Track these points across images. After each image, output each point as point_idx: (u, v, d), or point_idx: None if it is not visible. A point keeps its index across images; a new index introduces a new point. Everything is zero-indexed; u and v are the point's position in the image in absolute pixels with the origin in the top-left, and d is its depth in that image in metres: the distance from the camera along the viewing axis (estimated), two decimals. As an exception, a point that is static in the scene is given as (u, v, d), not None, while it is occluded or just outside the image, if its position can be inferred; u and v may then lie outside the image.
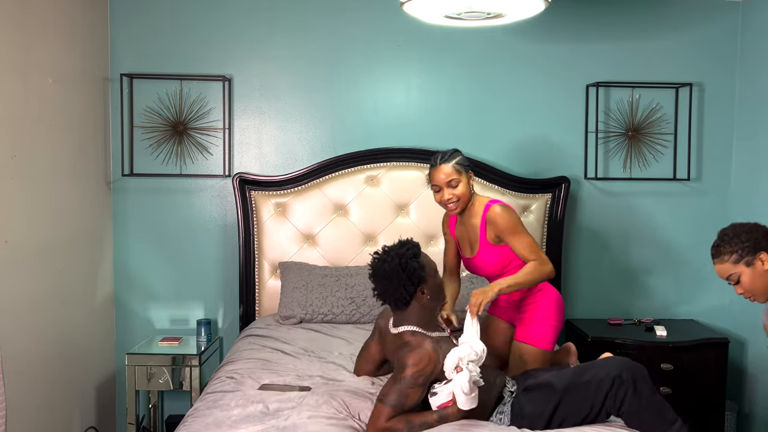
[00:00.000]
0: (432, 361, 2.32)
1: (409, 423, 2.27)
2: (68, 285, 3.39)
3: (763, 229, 2.38)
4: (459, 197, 2.76)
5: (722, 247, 2.38)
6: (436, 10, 2.79)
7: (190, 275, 3.92)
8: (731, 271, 2.38)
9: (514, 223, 2.73)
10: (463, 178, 2.76)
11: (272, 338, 3.26)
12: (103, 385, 3.78)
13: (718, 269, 2.40)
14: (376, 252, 2.55)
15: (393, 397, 2.28)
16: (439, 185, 2.77)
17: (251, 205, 3.80)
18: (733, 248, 2.36)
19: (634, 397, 2.27)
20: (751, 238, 2.34)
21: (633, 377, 2.29)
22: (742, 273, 2.36)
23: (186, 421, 2.39)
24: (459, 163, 2.76)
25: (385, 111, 3.92)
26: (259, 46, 3.87)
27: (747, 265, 2.35)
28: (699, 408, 3.55)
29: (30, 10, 3.00)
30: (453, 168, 2.74)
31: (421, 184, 3.80)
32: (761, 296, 2.38)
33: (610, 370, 2.33)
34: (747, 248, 2.34)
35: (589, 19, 3.93)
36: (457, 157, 2.78)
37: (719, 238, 2.41)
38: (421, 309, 2.51)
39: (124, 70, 3.80)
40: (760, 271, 2.33)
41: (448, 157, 2.77)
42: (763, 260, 2.33)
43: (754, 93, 3.83)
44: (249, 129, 3.90)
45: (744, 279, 2.36)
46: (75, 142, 3.45)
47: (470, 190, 2.81)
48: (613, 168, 3.99)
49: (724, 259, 2.37)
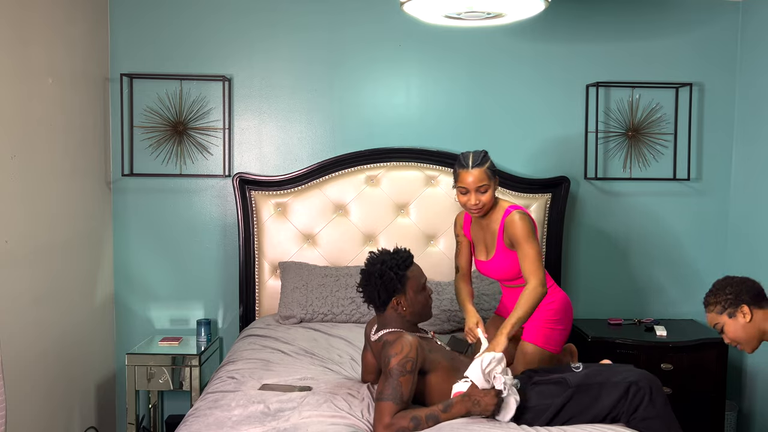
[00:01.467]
0: (414, 347, 2.37)
1: (415, 419, 2.27)
2: (68, 285, 3.39)
3: (750, 283, 2.47)
4: (485, 204, 2.72)
5: (710, 298, 2.49)
6: (436, 10, 2.79)
7: (190, 275, 3.92)
8: (716, 320, 2.48)
9: (527, 232, 2.68)
10: (492, 184, 2.71)
11: (272, 338, 3.26)
12: (103, 385, 3.79)
13: (708, 318, 2.52)
14: (371, 251, 2.62)
15: (388, 392, 2.30)
16: (467, 188, 2.70)
17: (251, 205, 3.80)
18: (717, 299, 2.46)
19: (650, 404, 2.33)
20: (734, 291, 2.44)
21: (650, 385, 2.37)
22: (725, 323, 2.45)
23: (187, 421, 2.39)
24: (490, 168, 2.71)
25: (385, 111, 3.92)
26: (259, 46, 3.87)
27: (729, 316, 2.44)
28: (699, 408, 3.55)
29: (30, 10, 3.00)
30: (485, 173, 2.68)
31: (421, 184, 3.80)
32: (746, 345, 2.47)
33: (627, 376, 2.39)
34: (730, 300, 2.43)
35: (589, 18, 3.92)
36: (488, 161, 2.72)
37: (710, 289, 2.52)
38: (398, 317, 2.55)
39: (124, 70, 3.80)
40: (742, 323, 2.42)
41: (480, 160, 2.70)
42: (745, 313, 2.42)
43: (754, 93, 3.82)
44: (249, 129, 3.90)
45: (727, 329, 2.45)
46: (75, 142, 3.45)
47: (494, 196, 2.76)
48: (613, 168, 3.99)
49: (710, 309, 2.48)
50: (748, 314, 2.40)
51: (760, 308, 2.42)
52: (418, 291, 2.56)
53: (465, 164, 2.71)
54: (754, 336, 2.44)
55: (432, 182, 3.81)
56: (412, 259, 2.59)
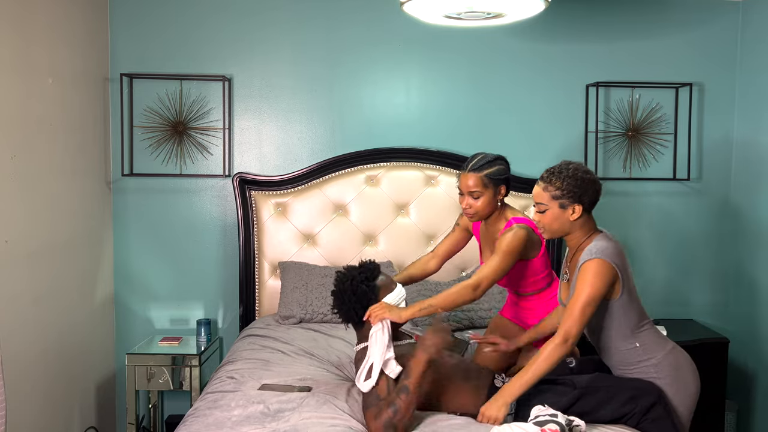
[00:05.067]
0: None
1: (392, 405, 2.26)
2: (68, 285, 3.39)
3: (597, 187, 2.44)
4: (477, 210, 2.69)
5: (554, 178, 2.41)
6: (436, 10, 2.79)
7: (190, 275, 3.92)
8: (544, 200, 2.42)
9: (509, 248, 2.61)
10: (487, 192, 2.66)
11: (272, 338, 3.26)
12: (103, 385, 3.79)
13: (536, 189, 2.45)
14: (337, 271, 2.59)
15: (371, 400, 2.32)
16: (461, 190, 2.71)
17: (251, 205, 3.80)
18: (562, 185, 2.39)
19: (659, 406, 2.35)
20: (581, 188, 2.40)
21: (659, 392, 2.39)
22: (551, 208, 2.41)
23: (186, 421, 2.39)
24: (489, 176, 2.65)
25: (385, 111, 3.92)
26: (259, 46, 3.87)
27: (560, 206, 2.41)
28: (699, 408, 3.53)
29: (30, 10, 3.00)
30: (479, 179, 2.65)
31: (421, 184, 3.80)
32: (547, 233, 2.46)
33: (636, 383, 2.41)
34: (573, 193, 2.39)
35: (589, 19, 3.93)
36: (491, 168, 2.66)
37: (559, 168, 2.44)
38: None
39: (124, 70, 3.80)
40: (565, 218, 2.41)
41: (480, 166, 2.66)
42: (575, 210, 2.40)
43: (754, 93, 3.82)
44: (249, 129, 3.90)
45: (548, 214, 2.42)
46: (75, 142, 3.45)
47: (495, 205, 2.71)
48: (613, 168, 3.99)
49: (547, 187, 2.41)
50: (577, 214, 2.39)
51: (587, 213, 2.42)
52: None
53: (464, 167, 2.70)
54: (563, 231, 2.44)
55: (432, 182, 3.81)
56: (379, 269, 2.57)
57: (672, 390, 2.43)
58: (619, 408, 2.34)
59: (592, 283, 2.33)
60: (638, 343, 2.45)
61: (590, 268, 2.34)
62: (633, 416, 2.34)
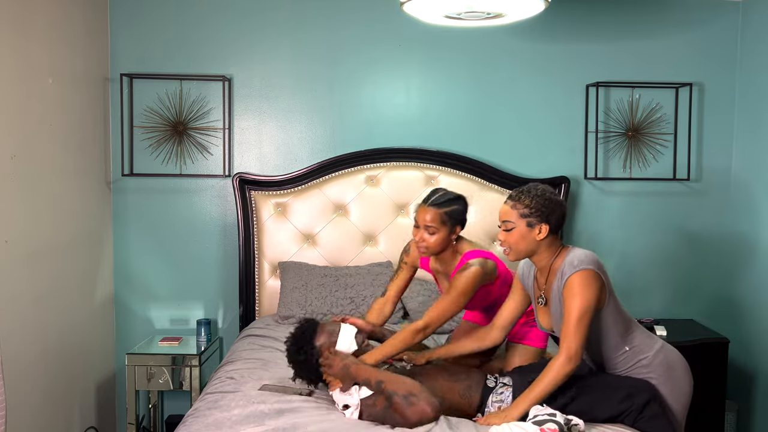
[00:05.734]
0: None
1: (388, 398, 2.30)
2: (68, 285, 3.39)
3: (563, 209, 2.42)
4: (429, 246, 2.64)
5: (523, 197, 2.40)
6: (436, 10, 2.79)
7: (190, 275, 3.92)
8: (511, 218, 2.40)
9: (464, 288, 2.56)
10: (443, 230, 2.61)
11: (272, 338, 3.26)
12: (103, 385, 3.79)
13: (504, 210, 2.43)
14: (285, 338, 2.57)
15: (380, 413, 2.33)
16: (417, 223, 2.65)
17: (251, 205, 3.80)
18: (530, 203, 2.38)
19: (655, 404, 2.35)
20: (549, 207, 2.38)
21: (653, 390, 2.39)
22: (518, 227, 2.39)
23: (186, 422, 2.39)
24: (448, 213, 2.61)
25: (385, 111, 3.92)
26: (259, 46, 3.87)
27: (528, 225, 2.39)
28: (699, 408, 3.54)
29: (30, 10, 3.00)
30: (438, 215, 2.60)
31: (421, 183, 3.80)
32: (514, 254, 2.43)
33: (630, 382, 2.41)
34: (540, 212, 2.37)
35: (589, 19, 3.92)
36: (450, 207, 2.62)
37: (527, 187, 2.43)
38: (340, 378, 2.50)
39: (124, 70, 3.80)
40: (532, 237, 2.39)
41: (441, 202, 2.62)
42: (542, 230, 2.38)
43: (754, 93, 3.82)
44: (249, 129, 3.90)
45: (515, 233, 2.40)
46: (75, 142, 3.46)
47: (448, 244, 2.66)
48: (613, 168, 3.99)
49: (515, 205, 2.40)
50: (543, 233, 2.38)
51: (554, 234, 2.40)
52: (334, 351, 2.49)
53: (425, 199, 2.66)
54: (529, 251, 2.42)
55: (432, 182, 3.81)
56: (312, 326, 2.52)
57: (666, 389, 2.43)
58: (615, 405, 2.34)
59: (583, 294, 2.30)
60: (627, 347, 2.45)
61: (577, 281, 2.31)
62: (629, 415, 2.34)
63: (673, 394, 2.44)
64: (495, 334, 2.60)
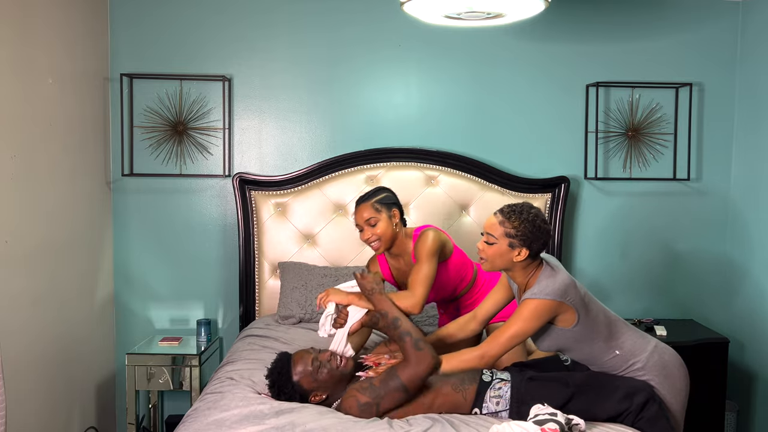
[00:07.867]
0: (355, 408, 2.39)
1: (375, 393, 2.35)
2: (68, 285, 3.39)
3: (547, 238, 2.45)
4: (379, 236, 2.77)
5: (513, 217, 2.43)
6: (436, 10, 2.79)
7: (190, 275, 3.92)
8: (496, 234, 2.43)
9: (430, 250, 2.70)
10: (382, 216, 2.77)
11: (271, 338, 3.26)
12: (103, 385, 3.79)
13: (491, 223, 2.46)
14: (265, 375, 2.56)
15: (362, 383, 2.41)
16: (360, 225, 2.80)
17: (251, 205, 3.80)
18: (518, 225, 2.41)
19: (654, 403, 2.35)
20: (534, 234, 2.41)
21: (652, 390, 2.40)
22: (499, 246, 2.43)
23: (186, 421, 2.39)
24: (379, 201, 2.78)
25: (385, 111, 3.92)
26: (259, 46, 3.87)
27: (510, 245, 2.43)
28: (699, 408, 3.55)
29: (30, 10, 3.00)
30: (371, 206, 2.77)
31: (421, 184, 3.81)
32: (489, 265, 2.47)
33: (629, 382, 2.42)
34: (525, 236, 2.41)
35: (589, 19, 3.93)
36: (378, 195, 2.80)
37: (520, 208, 2.45)
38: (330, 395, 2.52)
39: (124, 70, 3.80)
40: (510, 257, 2.43)
41: (367, 196, 2.81)
42: (521, 253, 2.42)
43: (754, 93, 3.82)
44: (249, 129, 3.90)
45: (495, 250, 2.44)
46: (75, 142, 3.46)
47: (393, 228, 2.80)
48: (613, 168, 3.99)
49: (503, 222, 2.43)
50: (522, 257, 2.42)
51: (532, 258, 2.44)
52: (314, 373, 2.48)
53: (356, 203, 2.82)
54: (504, 268, 2.47)
55: (432, 182, 3.81)
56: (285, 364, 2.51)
57: (663, 389, 2.44)
58: (614, 405, 2.35)
59: (525, 319, 2.38)
60: (618, 351, 2.47)
61: (528, 306, 2.38)
62: (629, 415, 2.34)
63: (671, 394, 2.46)
64: (474, 326, 2.68)
